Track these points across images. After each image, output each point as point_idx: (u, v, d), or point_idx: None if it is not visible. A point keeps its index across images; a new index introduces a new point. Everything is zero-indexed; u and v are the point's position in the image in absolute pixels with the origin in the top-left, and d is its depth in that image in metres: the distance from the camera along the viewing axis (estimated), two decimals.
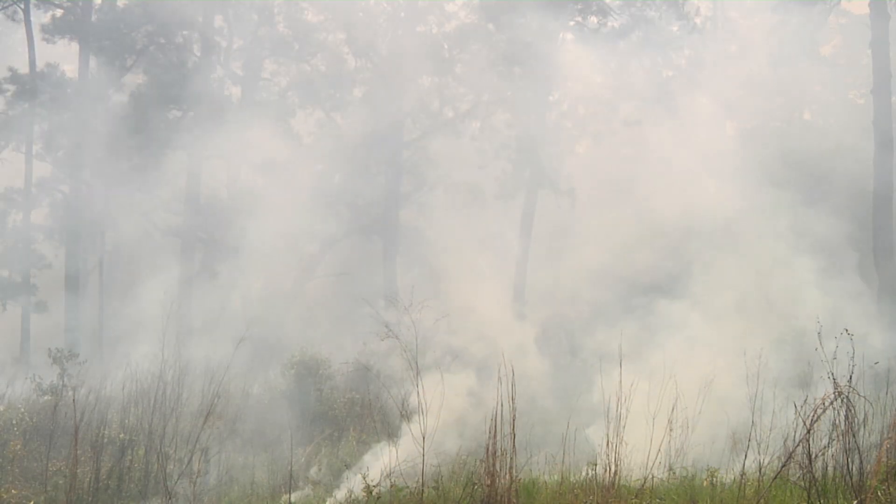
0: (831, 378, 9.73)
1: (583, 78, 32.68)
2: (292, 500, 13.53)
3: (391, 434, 14.66)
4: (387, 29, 36.42)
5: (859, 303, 20.54)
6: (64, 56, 36.66)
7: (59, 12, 34.79)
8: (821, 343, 10.23)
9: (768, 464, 11.26)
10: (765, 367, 12.59)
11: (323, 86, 35.87)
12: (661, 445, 11.27)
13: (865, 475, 9.68)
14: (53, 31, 34.47)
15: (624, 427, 10.83)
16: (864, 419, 10.17)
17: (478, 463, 11.11)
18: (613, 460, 10.66)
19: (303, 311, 35.27)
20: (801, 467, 9.86)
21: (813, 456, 9.61)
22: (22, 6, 34.25)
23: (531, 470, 12.15)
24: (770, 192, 23.22)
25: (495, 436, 10.39)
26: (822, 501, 9.61)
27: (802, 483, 9.87)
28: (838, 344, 10.40)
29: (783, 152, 29.80)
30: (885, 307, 25.48)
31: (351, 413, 21.79)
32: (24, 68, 33.87)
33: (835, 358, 10.20)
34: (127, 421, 17.63)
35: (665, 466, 12.20)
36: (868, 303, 22.62)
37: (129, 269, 38.23)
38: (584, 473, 11.59)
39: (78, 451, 13.34)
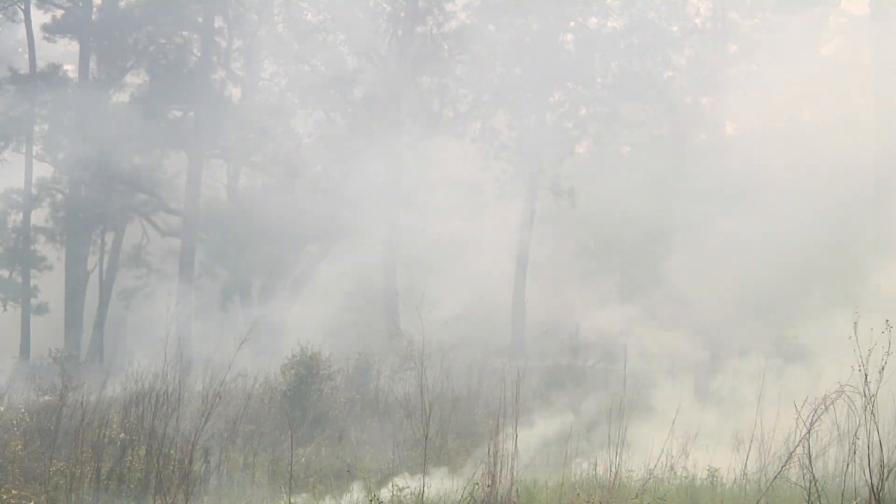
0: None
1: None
2: (292, 500, 13.51)
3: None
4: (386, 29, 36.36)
5: None
6: (64, 56, 36.61)
7: (59, 12, 34.73)
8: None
9: (769, 463, 11.25)
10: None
11: (323, 86, 35.80)
12: (664, 446, 11.27)
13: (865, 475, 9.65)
14: (54, 31, 34.43)
15: (625, 428, 10.82)
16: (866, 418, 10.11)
17: (479, 463, 11.07)
18: (614, 460, 10.64)
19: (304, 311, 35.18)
20: (801, 467, 9.83)
21: (813, 456, 9.58)
22: (22, 6, 34.21)
23: (533, 470, 12.11)
24: None
25: (497, 435, 10.36)
26: (822, 501, 9.60)
27: (803, 483, 9.86)
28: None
29: None
30: None
31: (351, 413, 21.75)
32: (24, 68, 33.83)
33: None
34: (127, 421, 17.59)
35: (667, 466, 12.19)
36: None
37: (129, 270, 38.13)
38: (584, 473, 11.57)
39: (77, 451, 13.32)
